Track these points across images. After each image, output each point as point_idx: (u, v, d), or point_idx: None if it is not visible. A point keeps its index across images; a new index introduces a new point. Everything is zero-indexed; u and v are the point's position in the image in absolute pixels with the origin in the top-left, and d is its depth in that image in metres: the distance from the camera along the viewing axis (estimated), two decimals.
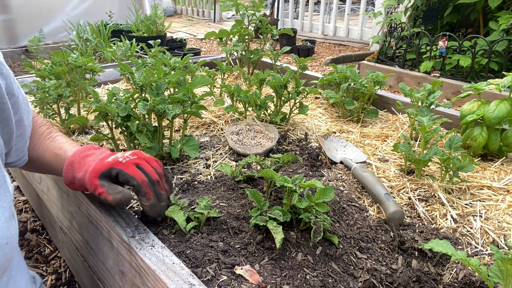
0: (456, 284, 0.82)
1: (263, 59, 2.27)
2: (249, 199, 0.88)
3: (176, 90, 1.27)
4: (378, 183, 1.08)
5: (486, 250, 0.92)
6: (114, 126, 1.19)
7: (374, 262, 0.84)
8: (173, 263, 0.70)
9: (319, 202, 0.86)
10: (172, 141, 1.22)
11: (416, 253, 0.90)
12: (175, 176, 1.15)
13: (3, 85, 0.68)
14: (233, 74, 2.19)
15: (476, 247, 0.93)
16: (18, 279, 0.74)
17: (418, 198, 1.09)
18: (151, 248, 0.74)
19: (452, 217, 1.02)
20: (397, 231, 0.95)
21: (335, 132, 1.51)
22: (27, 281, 0.79)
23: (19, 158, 0.82)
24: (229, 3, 4.84)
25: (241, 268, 0.74)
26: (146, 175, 0.81)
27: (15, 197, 1.60)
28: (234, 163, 1.24)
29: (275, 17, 6.22)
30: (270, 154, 1.15)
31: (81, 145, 0.89)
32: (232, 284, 0.71)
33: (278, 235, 0.78)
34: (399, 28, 3.86)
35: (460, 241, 0.95)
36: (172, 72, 1.43)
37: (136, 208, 1.00)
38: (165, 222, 0.92)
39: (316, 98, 1.93)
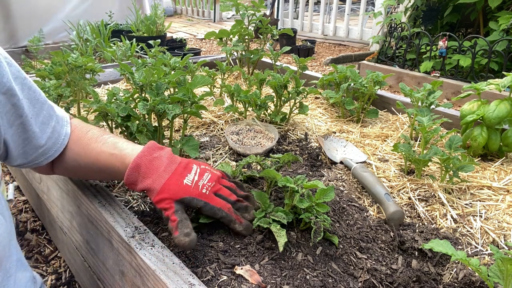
0: (456, 284, 0.82)
1: (263, 59, 2.27)
2: (256, 200, 0.88)
3: (176, 90, 1.27)
4: (378, 183, 1.08)
5: (486, 250, 0.92)
6: (114, 126, 1.19)
7: (374, 262, 0.84)
8: (173, 263, 0.70)
9: (320, 202, 0.86)
10: (172, 141, 1.22)
11: (416, 253, 0.90)
12: None
13: None
14: (233, 74, 2.19)
15: (476, 247, 0.93)
16: (19, 277, 0.74)
17: (418, 198, 1.09)
18: (151, 248, 0.74)
19: (452, 217, 1.02)
20: (397, 231, 0.95)
21: (335, 132, 1.51)
22: (28, 280, 0.78)
23: (29, 161, 0.79)
24: (229, 3, 4.84)
25: (241, 268, 0.74)
26: (226, 200, 0.78)
27: (15, 197, 1.60)
28: (234, 163, 1.24)
29: (275, 17, 6.22)
30: (270, 154, 1.15)
31: (137, 143, 0.86)
32: (232, 284, 0.71)
33: (282, 238, 0.78)
34: (399, 28, 3.86)
35: (460, 241, 0.95)
36: (172, 72, 1.43)
37: (136, 208, 1.00)
38: (164, 224, 0.92)
39: (316, 98, 1.93)
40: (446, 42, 3.12)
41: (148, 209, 0.99)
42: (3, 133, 0.69)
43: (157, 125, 1.18)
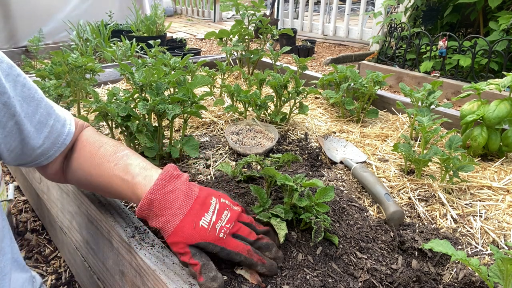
0: (456, 284, 0.82)
1: (263, 59, 2.27)
2: (253, 194, 0.89)
3: (176, 90, 1.27)
4: (378, 183, 1.08)
5: (486, 250, 0.92)
6: (114, 126, 1.19)
7: (374, 262, 0.84)
8: (173, 263, 0.70)
9: (320, 202, 0.86)
10: (172, 141, 1.22)
11: (416, 253, 0.90)
12: None
13: None
14: (233, 74, 2.19)
15: (476, 247, 0.93)
16: (15, 277, 0.74)
17: (418, 198, 1.09)
18: (151, 248, 0.74)
19: (452, 217, 1.02)
20: (397, 231, 0.95)
21: (335, 132, 1.51)
22: (25, 281, 0.78)
23: (29, 161, 0.77)
24: (229, 3, 4.83)
25: (241, 268, 0.74)
26: (245, 240, 0.71)
27: (15, 197, 1.60)
28: (234, 163, 1.24)
29: (275, 17, 6.22)
30: (270, 154, 1.15)
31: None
32: (232, 284, 0.71)
33: (282, 230, 0.78)
34: (399, 28, 3.86)
35: (460, 241, 0.95)
36: (172, 72, 1.43)
37: (136, 208, 1.00)
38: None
39: (316, 98, 1.93)
40: (446, 42, 3.12)
41: None
42: None
43: (157, 125, 1.18)
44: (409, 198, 1.09)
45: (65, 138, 0.81)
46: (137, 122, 1.13)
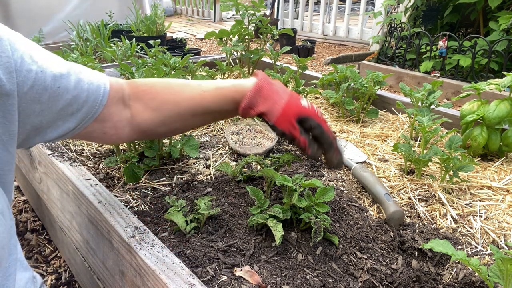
0: (456, 284, 0.82)
1: (263, 59, 2.26)
2: (250, 196, 0.88)
3: None
4: (378, 183, 1.08)
5: (486, 250, 0.92)
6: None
7: (374, 262, 0.84)
8: (173, 263, 0.70)
9: (319, 202, 0.86)
10: (172, 141, 1.22)
11: (416, 253, 0.90)
12: (175, 176, 1.15)
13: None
14: (233, 74, 2.19)
15: (476, 247, 0.93)
16: (19, 277, 0.74)
17: (418, 198, 1.09)
18: (151, 248, 0.74)
19: (452, 217, 1.02)
20: (397, 231, 0.95)
21: (335, 132, 1.51)
22: (28, 280, 0.78)
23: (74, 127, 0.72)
24: (229, 3, 4.84)
25: (241, 270, 0.74)
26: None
27: (15, 197, 1.60)
28: (234, 163, 1.24)
29: (275, 17, 6.22)
30: (270, 154, 1.15)
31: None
32: (232, 284, 0.71)
33: (278, 232, 0.78)
34: (399, 28, 3.86)
35: (460, 241, 0.95)
36: (172, 72, 1.43)
37: (136, 208, 1.00)
38: (164, 224, 0.92)
39: (316, 98, 1.93)
40: (446, 42, 3.12)
41: (148, 209, 0.99)
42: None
43: None
44: (409, 198, 1.09)
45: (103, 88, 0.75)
46: None
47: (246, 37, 2.02)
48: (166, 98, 0.80)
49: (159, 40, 2.28)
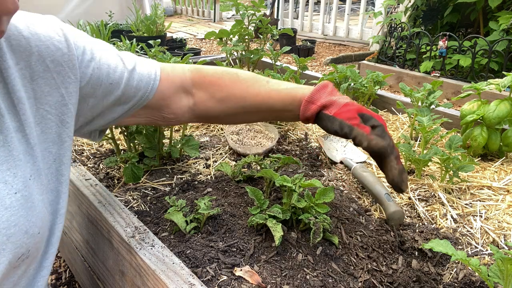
0: (456, 284, 0.82)
1: (263, 59, 2.26)
2: (249, 196, 0.88)
3: None
4: (378, 183, 1.08)
5: (486, 250, 0.92)
6: (113, 126, 1.19)
7: (374, 262, 0.84)
8: (173, 263, 0.70)
9: (319, 202, 0.86)
10: (172, 141, 1.22)
11: (416, 253, 0.90)
12: (175, 176, 1.15)
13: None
14: None
15: (476, 247, 0.93)
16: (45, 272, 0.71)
17: (418, 198, 1.09)
18: (151, 248, 0.74)
19: (452, 217, 1.02)
20: (397, 231, 0.95)
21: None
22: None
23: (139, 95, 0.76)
24: (229, 3, 4.84)
25: (241, 270, 0.74)
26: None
27: None
28: (234, 163, 1.24)
29: (275, 17, 6.22)
30: (270, 154, 1.15)
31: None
32: (232, 284, 0.71)
33: (278, 232, 0.78)
34: (399, 28, 3.86)
35: (460, 241, 0.95)
36: None
37: (136, 208, 1.00)
38: (164, 224, 0.92)
39: None
40: (446, 42, 3.12)
41: (148, 209, 0.99)
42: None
43: None
44: (409, 198, 1.09)
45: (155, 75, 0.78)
46: None
47: (246, 37, 2.02)
48: (233, 92, 0.81)
49: (159, 40, 2.28)
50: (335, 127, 0.74)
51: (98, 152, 1.30)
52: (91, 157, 1.27)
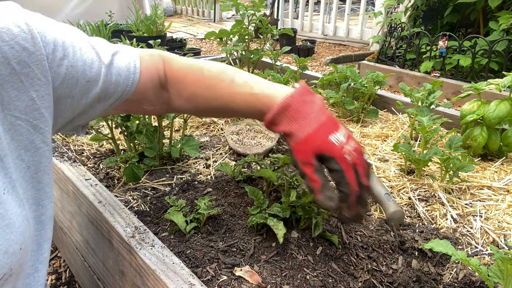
0: (456, 284, 0.82)
1: (263, 59, 2.26)
2: (249, 196, 0.88)
3: None
4: (378, 183, 1.08)
5: (486, 250, 0.92)
6: (114, 126, 1.19)
7: (374, 262, 0.84)
8: (173, 263, 0.70)
9: None
10: (172, 141, 1.22)
11: (416, 253, 0.90)
12: (175, 176, 1.15)
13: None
14: None
15: (476, 247, 0.93)
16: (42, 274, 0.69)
17: (418, 198, 1.09)
18: (151, 248, 0.74)
19: (452, 217, 1.02)
20: (397, 231, 0.95)
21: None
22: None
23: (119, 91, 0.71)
24: (229, 3, 4.84)
25: (241, 270, 0.74)
26: (358, 181, 0.66)
27: None
28: (234, 163, 1.24)
29: (275, 17, 6.22)
30: (270, 154, 1.15)
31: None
32: (232, 284, 0.71)
33: (280, 230, 0.78)
34: (399, 28, 3.86)
35: (460, 241, 0.95)
36: None
37: (136, 208, 1.00)
38: (164, 224, 0.92)
39: None
40: (446, 42, 3.12)
41: (148, 209, 0.99)
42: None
43: (157, 125, 1.18)
44: (409, 198, 1.09)
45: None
46: (137, 122, 1.13)
47: (246, 37, 2.02)
48: (196, 92, 0.76)
49: (159, 40, 2.27)
50: (293, 162, 0.69)
51: (98, 152, 1.30)
52: (91, 157, 1.27)
